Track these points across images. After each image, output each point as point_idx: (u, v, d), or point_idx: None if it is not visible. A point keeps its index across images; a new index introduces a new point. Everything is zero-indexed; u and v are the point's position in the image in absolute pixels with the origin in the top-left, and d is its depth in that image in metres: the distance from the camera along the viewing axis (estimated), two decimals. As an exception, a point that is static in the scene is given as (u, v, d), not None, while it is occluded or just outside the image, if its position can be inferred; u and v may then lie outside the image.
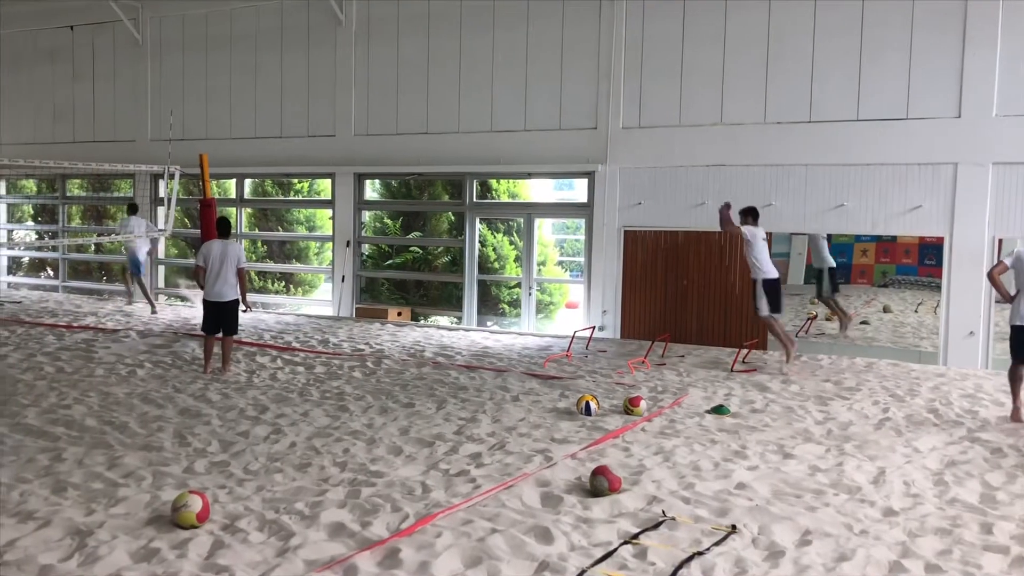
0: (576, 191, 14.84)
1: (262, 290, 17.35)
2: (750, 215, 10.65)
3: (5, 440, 6.73)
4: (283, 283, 17.63)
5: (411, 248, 15.64)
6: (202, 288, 9.93)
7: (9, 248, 20.33)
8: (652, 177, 12.80)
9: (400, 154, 14.75)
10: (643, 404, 8.02)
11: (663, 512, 5.27)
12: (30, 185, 20.12)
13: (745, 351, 11.07)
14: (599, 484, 5.60)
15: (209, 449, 6.62)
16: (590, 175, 13.31)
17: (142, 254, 15.23)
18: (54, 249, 19.30)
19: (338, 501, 5.41)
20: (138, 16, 17.15)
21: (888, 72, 11.42)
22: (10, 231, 20.52)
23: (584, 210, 13.59)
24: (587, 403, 7.89)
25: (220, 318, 9.83)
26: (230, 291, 9.81)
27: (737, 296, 12.21)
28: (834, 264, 12.14)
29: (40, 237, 20.17)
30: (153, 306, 15.16)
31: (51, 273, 19.86)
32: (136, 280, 15.35)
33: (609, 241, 13.08)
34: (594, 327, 12.50)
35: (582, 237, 14.23)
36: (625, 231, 12.98)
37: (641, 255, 12.87)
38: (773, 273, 10.49)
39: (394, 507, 5.30)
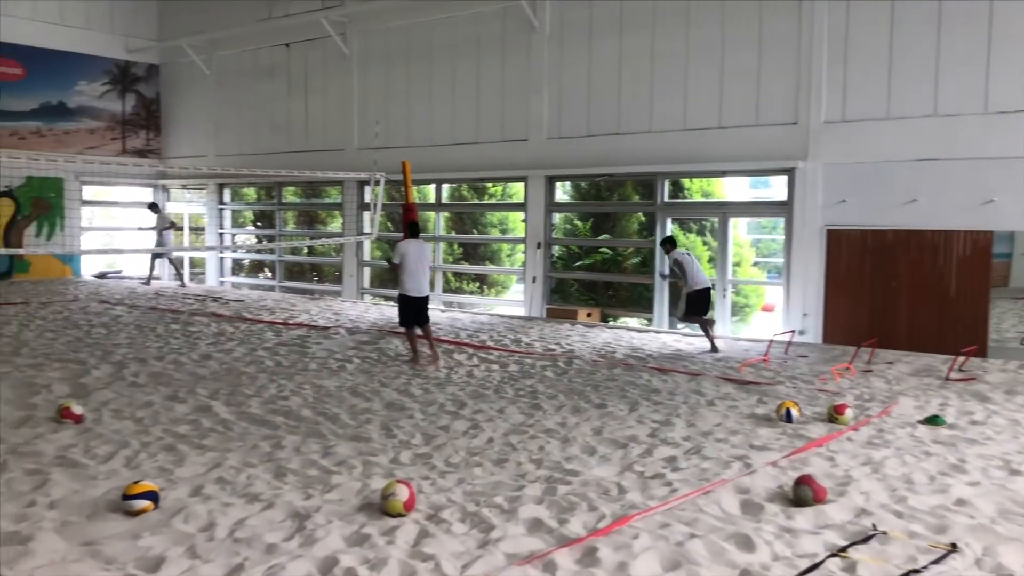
0: (773, 189, 14.34)
1: (458, 290, 17.94)
2: (669, 242, 12.09)
3: (233, 427, 7.33)
4: (477, 284, 18.18)
5: (601, 249, 15.67)
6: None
7: (233, 251, 22.24)
8: (857, 173, 12.13)
9: (591, 155, 14.81)
10: (849, 412, 7.63)
11: (873, 526, 5.00)
12: (251, 193, 21.85)
13: (962, 358, 10.27)
14: (803, 493, 5.38)
15: (413, 441, 6.92)
16: (789, 172, 12.80)
17: (169, 241, 19.95)
18: (271, 252, 20.93)
19: (535, 497, 5.50)
20: (346, 31, 18.22)
21: None
22: (233, 235, 22.40)
23: (783, 208, 13.08)
24: (788, 410, 7.61)
25: (418, 312, 10.52)
26: (427, 287, 10.65)
27: (953, 299, 11.36)
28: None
29: (259, 240, 21.89)
30: (183, 279, 20.33)
31: (268, 274, 21.49)
32: (171, 260, 20.47)
33: (810, 241, 12.52)
34: (794, 331, 12.02)
35: (780, 237, 13.71)
36: (828, 230, 12.38)
37: (846, 255, 12.24)
38: (703, 284, 11.61)
39: (590, 506, 5.33)
